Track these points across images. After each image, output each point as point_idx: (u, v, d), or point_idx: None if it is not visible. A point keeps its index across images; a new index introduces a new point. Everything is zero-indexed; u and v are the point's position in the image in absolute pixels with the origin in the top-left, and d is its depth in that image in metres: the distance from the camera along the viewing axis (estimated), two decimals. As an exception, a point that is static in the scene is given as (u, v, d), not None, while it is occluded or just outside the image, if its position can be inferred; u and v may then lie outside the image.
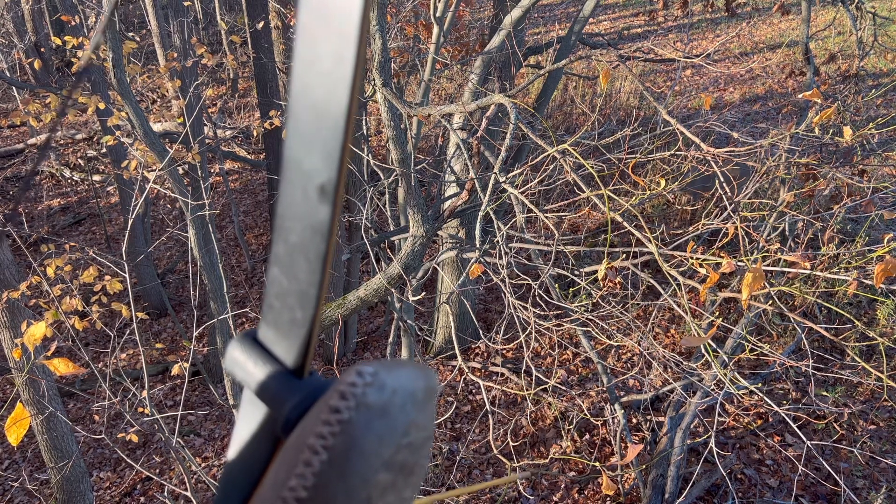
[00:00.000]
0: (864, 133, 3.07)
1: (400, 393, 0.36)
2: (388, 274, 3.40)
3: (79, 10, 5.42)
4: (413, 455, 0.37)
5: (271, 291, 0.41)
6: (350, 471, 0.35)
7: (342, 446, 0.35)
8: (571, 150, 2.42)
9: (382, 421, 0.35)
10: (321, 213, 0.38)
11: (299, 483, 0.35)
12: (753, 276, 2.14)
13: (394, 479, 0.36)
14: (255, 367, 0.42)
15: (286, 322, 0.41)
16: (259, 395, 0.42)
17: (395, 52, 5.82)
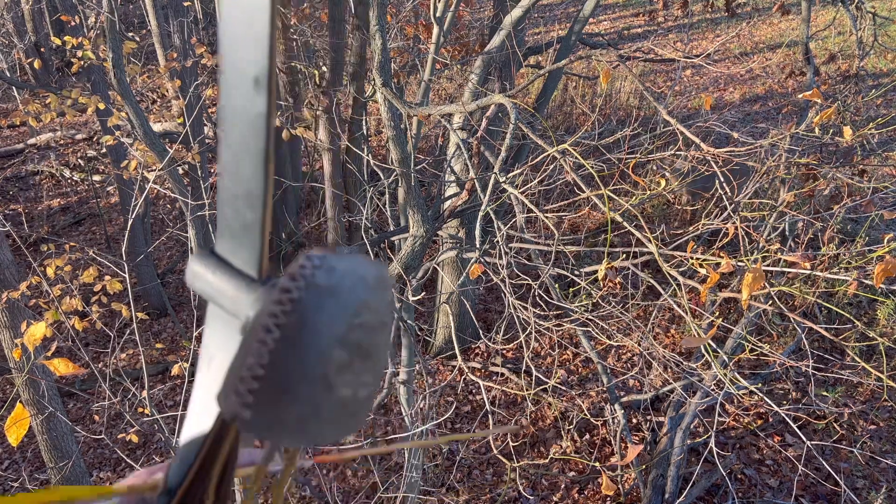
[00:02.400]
0: (864, 133, 3.07)
1: (349, 275, 0.37)
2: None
3: (79, 10, 5.42)
4: (368, 337, 0.37)
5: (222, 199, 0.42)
6: (304, 347, 0.35)
7: (294, 324, 0.35)
8: (571, 150, 2.41)
9: (332, 300, 0.36)
10: (258, 105, 0.38)
11: (256, 361, 0.35)
12: (753, 276, 2.14)
13: (350, 359, 0.37)
14: (214, 277, 0.43)
15: (239, 228, 0.42)
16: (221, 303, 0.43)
17: (394, 52, 5.83)
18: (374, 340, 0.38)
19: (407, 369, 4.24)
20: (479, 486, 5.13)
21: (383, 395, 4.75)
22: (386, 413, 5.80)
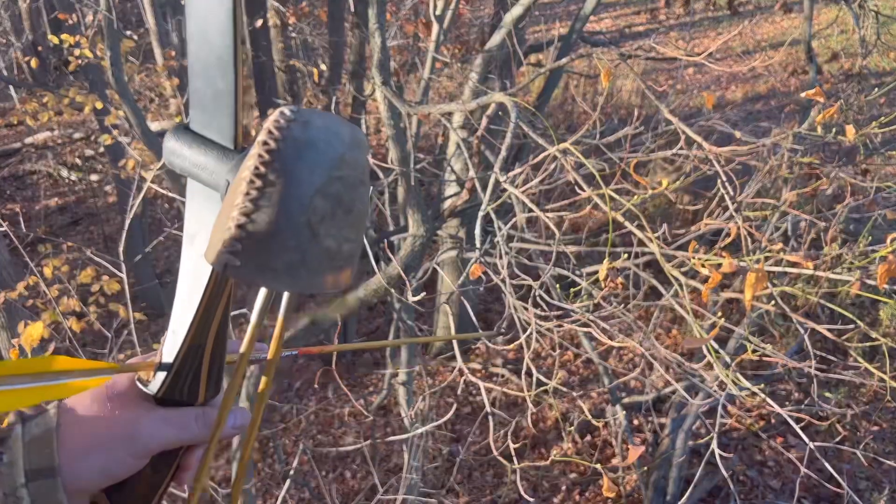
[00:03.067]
0: (867, 132, 3.04)
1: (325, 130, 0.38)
2: (387, 274, 3.37)
3: (76, 8, 5.39)
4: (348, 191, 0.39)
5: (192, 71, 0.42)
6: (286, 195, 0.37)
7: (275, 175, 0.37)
8: (573, 150, 2.38)
9: (311, 151, 0.37)
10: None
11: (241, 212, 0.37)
12: (756, 276, 2.11)
13: (332, 210, 0.38)
14: (191, 152, 0.43)
15: (211, 99, 0.42)
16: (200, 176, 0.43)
17: (394, 50, 5.79)
18: (353, 196, 0.39)
19: (406, 370, 4.21)
20: (479, 488, 5.11)
21: (383, 396, 4.73)
22: (385, 414, 5.77)
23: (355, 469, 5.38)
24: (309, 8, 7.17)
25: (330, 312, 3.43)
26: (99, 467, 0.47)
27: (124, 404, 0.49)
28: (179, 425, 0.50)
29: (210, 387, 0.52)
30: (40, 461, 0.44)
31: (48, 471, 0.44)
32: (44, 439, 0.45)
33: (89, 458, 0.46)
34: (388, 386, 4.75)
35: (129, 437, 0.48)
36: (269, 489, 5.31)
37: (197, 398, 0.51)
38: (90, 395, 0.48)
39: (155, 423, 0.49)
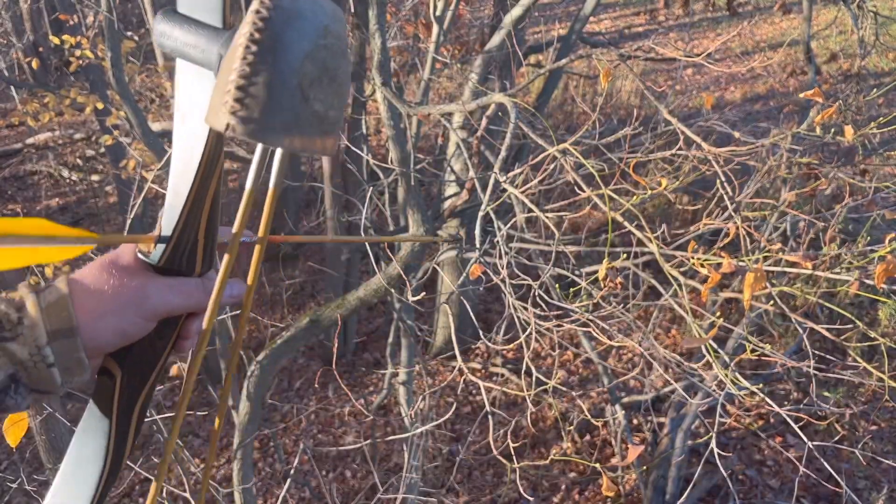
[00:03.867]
0: (866, 132, 3.05)
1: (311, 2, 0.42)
2: (387, 274, 3.38)
3: (77, 9, 5.41)
4: (332, 59, 0.42)
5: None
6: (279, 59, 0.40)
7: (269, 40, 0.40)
8: (572, 150, 2.39)
9: (299, 20, 0.41)
10: None
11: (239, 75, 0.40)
12: (755, 276, 2.12)
13: (319, 75, 0.42)
14: (181, 32, 0.45)
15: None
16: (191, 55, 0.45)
17: (394, 50, 5.80)
18: (337, 64, 0.43)
19: (407, 370, 4.22)
20: (479, 488, 5.12)
21: (383, 395, 4.74)
22: (386, 414, 5.78)
23: (355, 468, 5.39)
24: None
25: (330, 312, 3.44)
26: (113, 327, 0.50)
27: (130, 273, 0.52)
28: (183, 292, 0.54)
29: (205, 260, 0.56)
30: (60, 323, 0.47)
31: (68, 331, 0.47)
32: (59, 304, 0.48)
33: (104, 320, 0.50)
34: (389, 385, 4.76)
35: (139, 300, 0.51)
36: (269, 488, 5.32)
37: (194, 269, 0.55)
38: (97, 267, 0.52)
39: (161, 289, 0.53)
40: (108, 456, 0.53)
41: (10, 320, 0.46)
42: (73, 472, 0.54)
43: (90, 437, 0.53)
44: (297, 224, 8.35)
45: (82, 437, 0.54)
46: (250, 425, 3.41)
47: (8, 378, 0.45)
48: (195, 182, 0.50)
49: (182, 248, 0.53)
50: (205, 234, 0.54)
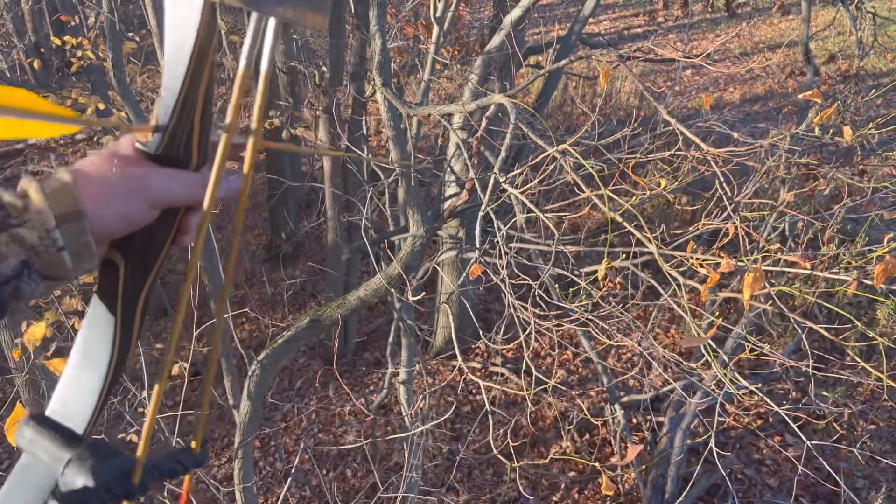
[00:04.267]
0: (864, 133, 3.07)
1: None
2: (387, 274, 3.40)
3: (79, 10, 5.42)
4: None
5: None
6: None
7: None
8: (571, 150, 2.41)
9: None
10: None
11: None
12: (754, 276, 2.14)
13: None
14: None
15: None
16: None
17: (394, 52, 5.83)
18: None
19: (407, 369, 4.24)
20: (479, 487, 5.13)
21: (383, 395, 4.76)
22: (386, 413, 5.80)
23: (356, 467, 5.41)
24: (309, 9, 7.19)
25: (331, 312, 3.46)
26: (118, 212, 0.51)
27: (132, 163, 0.53)
28: (183, 182, 0.55)
29: (201, 153, 0.56)
30: (66, 207, 0.48)
31: (76, 214, 0.48)
32: (64, 189, 0.48)
33: (109, 205, 0.50)
34: (389, 385, 4.78)
35: (142, 187, 0.52)
36: (270, 487, 5.33)
37: (191, 160, 0.56)
38: (98, 157, 0.53)
39: (163, 177, 0.54)
40: (114, 345, 0.54)
41: (16, 207, 0.47)
42: (81, 360, 0.55)
43: (97, 326, 0.55)
44: (298, 224, 8.36)
45: (89, 327, 0.55)
46: (251, 424, 3.43)
47: (21, 264, 0.46)
48: (189, 70, 0.50)
49: (179, 137, 0.54)
50: (200, 123, 0.54)
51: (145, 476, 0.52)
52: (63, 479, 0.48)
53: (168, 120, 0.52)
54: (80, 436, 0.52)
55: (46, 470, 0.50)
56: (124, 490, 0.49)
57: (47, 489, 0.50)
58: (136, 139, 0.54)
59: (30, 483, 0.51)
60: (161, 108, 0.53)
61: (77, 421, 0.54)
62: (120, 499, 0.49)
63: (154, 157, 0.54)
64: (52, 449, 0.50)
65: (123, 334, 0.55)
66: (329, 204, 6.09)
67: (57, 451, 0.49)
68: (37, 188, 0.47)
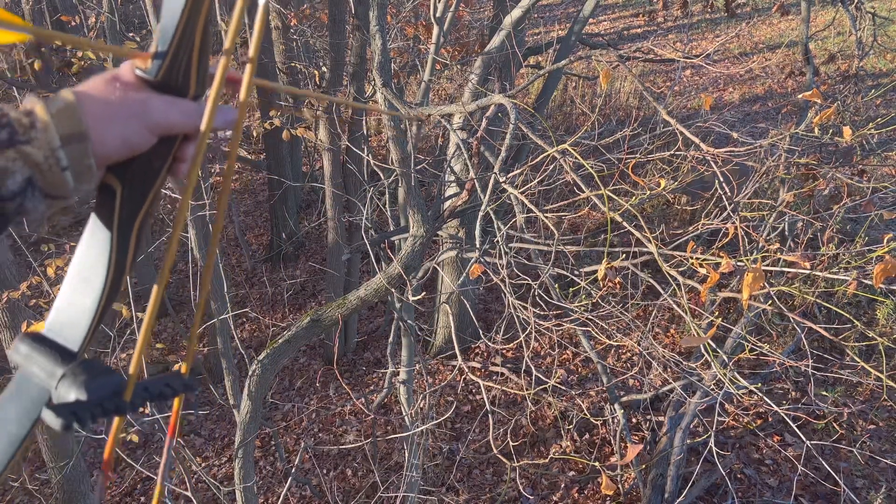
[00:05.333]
0: (864, 133, 3.07)
1: None
2: (388, 274, 3.41)
3: (79, 10, 5.43)
4: None
5: None
6: None
7: None
8: (571, 150, 2.42)
9: None
10: None
11: None
12: (753, 276, 2.15)
13: None
14: None
15: None
16: None
17: (395, 52, 5.83)
18: None
19: (407, 369, 4.24)
20: (479, 486, 5.14)
21: (384, 394, 4.76)
22: (386, 413, 5.80)
23: (356, 467, 5.41)
24: (310, 10, 7.21)
25: (331, 312, 3.46)
26: (119, 135, 0.52)
27: (133, 88, 0.55)
28: (182, 110, 0.56)
29: (199, 83, 0.58)
30: (70, 127, 0.49)
31: (79, 135, 0.49)
32: (69, 110, 0.49)
33: (111, 128, 0.51)
34: (389, 384, 4.78)
35: (143, 112, 0.53)
36: (270, 487, 5.34)
37: (189, 89, 0.57)
38: (100, 80, 0.54)
39: (163, 103, 0.55)
40: (109, 268, 0.55)
41: (23, 124, 0.48)
42: (77, 283, 0.56)
43: (92, 249, 0.56)
44: (298, 224, 8.37)
45: (85, 250, 0.56)
46: (252, 424, 3.44)
47: (25, 181, 0.47)
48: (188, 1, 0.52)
49: (177, 65, 0.55)
50: (198, 53, 0.56)
51: (136, 395, 0.53)
52: (56, 393, 0.50)
53: (167, 47, 0.53)
54: (74, 353, 0.54)
55: (40, 384, 0.52)
56: (115, 406, 0.51)
57: (40, 401, 0.51)
58: (136, 66, 0.55)
59: (24, 395, 0.52)
60: (160, 36, 0.54)
61: (71, 340, 0.55)
62: (110, 414, 0.51)
63: (153, 85, 0.55)
64: (47, 364, 0.52)
65: (118, 258, 0.56)
66: (329, 204, 6.09)
67: (51, 366, 0.51)
68: (42, 107, 0.48)
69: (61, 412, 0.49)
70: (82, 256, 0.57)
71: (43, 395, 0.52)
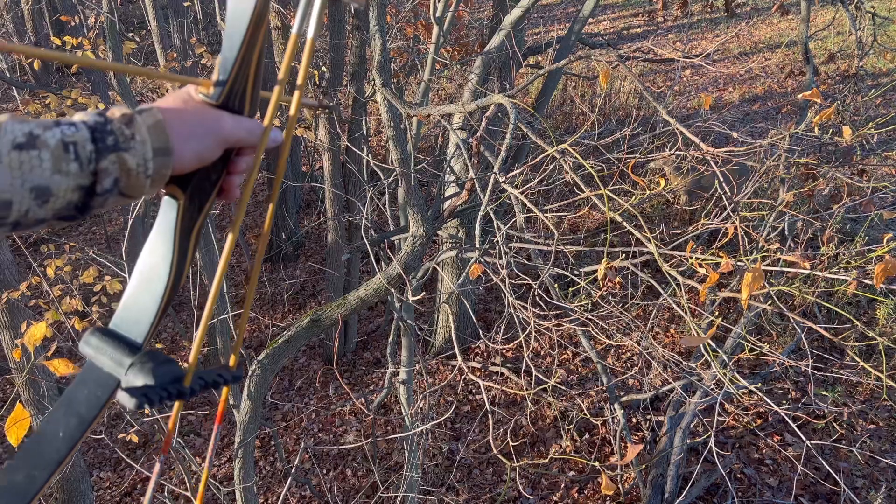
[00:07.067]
0: (864, 133, 3.08)
1: None
2: (388, 274, 3.40)
3: (78, 10, 5.43)
4: None
5: None
6: None
7: None
8: (571, 150, 2.42)
9: None
10: None
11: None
12: (753, 275, 2.14)
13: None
14: None
15: None
16: None
17: (394, 52, 5.83)
18: None
19: (407, 369, 4.24)
20: (478, 486, 5.14)
21: (384, 394, 4.76)
22: (386, 413, 5.80)
23: (356, 467, 5.41)
24: (309, 10, 7.18)
25: (331, 312, 3.46)
26: (195, 151, 0.59)
27: (206, 106, 0.61)
28: (246, 127, 0.63)
29: (253, 105, 0.65)
30: (160, 142, 0.57)
31: (166, 150, 0.57)
32: (159, 127, 0.57)
33: (189, 143, 0.59)
34: (389, 384, 4.78)
35: (217, 128, 0.61)
36: (270, 487, 5.34)
37: (244, 112, 0.64)
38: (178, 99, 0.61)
39: (233, 120, 0.62)
40: (172, 268, 0.62)
41: (125, 135, 0.55)
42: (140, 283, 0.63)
43: (156, 250, 0.63)
44: (298, 224, 8.36)
45: (149, 254, 0.63)
46: (251, 424, 3.43)
47: (114, 181, 0.55)
48: (248, 32, 0.59)
49: (236, 90, 0.62)
50: (253, 80, 0.63)
51: (194, 381, 0.61)
52: (126, 379, 0.57)
53: (227, 76, 0.61)
54: (139, 345, 0.61)
55: (109, 371, 0.59)
56: (177, 391, 0.59)
57: (107, 387, 0.59)
58: (199, 91, 0.62)
59: (93, 381, 0.59)
60: (221, 66, 0.61)
61: (136, 334, 0.62)
62: (173, 398, 0.59)
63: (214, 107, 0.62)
64: (116, 354, 0.59)
65: (178, 262, 0.62)
66: (329, 204, 6.09)
67: (120, 356, 0.59)
68: (140, 122, 0.56)
69: (134, 394, 0.56)
70: (147, 258, 0.64)
71: (110, 381, 0.59)
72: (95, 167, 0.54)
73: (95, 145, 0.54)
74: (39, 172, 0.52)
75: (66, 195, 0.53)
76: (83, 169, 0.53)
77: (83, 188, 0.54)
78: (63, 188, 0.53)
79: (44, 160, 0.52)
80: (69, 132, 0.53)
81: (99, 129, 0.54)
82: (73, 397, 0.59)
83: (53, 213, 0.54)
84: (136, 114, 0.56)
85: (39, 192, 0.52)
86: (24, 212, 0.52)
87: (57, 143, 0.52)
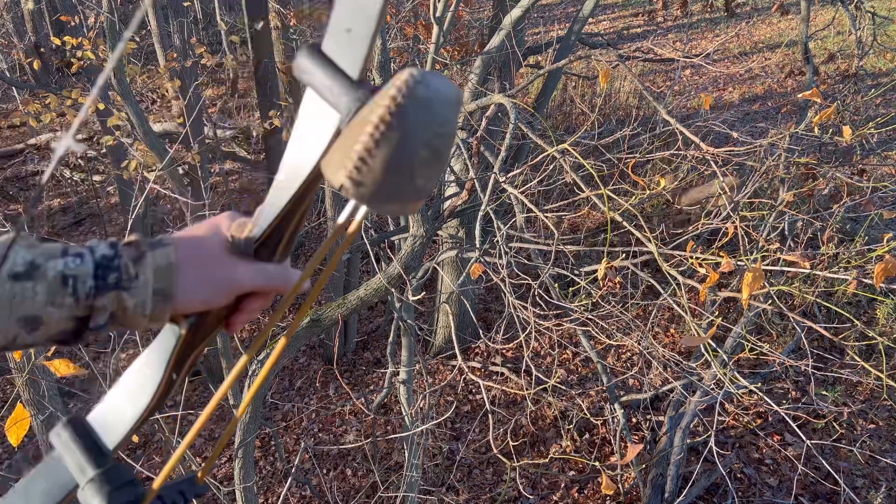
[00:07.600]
0: (864, 132, 3.08)
1: (440, 93, 0.47)
2: (388, 274, 3.40)
3: (78, 10, 5.42)
4: (443, 144, 0.48)
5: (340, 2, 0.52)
6: (401, 144, 0.46)
7: (396, 125, 0.45)
8: (571, 150, 2.42)
9: (427, 112, 0.46)
10: None
11: (363, 147, 0.46)
12: (753, 275, 2.15)
13: (430, 159, 0.48)
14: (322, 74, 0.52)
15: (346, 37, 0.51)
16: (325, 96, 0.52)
17: (394, 52, 5.83)
18: (446, 147, 0.49)
19: (407, 369, 4.24)
20: (479, 486, 5.14)
21: (384, 394, 4.77)
22: (386, 412, 5.80)
23: (356, 467, 5.41)
24: (310, 10, 7.20)
25: (331, 311, 3.46)
26: (202, 299, 0.58)
27: (227, 252, 0.60)
28: (267, 276, 0.61)
29: (284, 254, 0.64)
30: (164, 286, 0.55)
31: (168, 296, 0.56)
32: (167, 270, 0.56)
33: (196, 291, 0.58)
34: (389, 384, 4.78)
35: (230, 279, 0.59)
36: (270, 487, 5.34)
37: (274, 259, 0.63)
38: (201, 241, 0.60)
39: (250, 271, 0.60)
40: (159, 388, 0.61)
41: (129, 273, 0.54)
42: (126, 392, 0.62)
43: (148, 366, 0.61)
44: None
45: (143, 362, 0.62)
46: (251, 424, 3.43)
47: (110, 315, 0.54)
48: (296, 194, 0.56)
49: (269, 244, 0.61)
50: (292, 233, 0.61)
51: None
52: (82, 493, 0.56)
53: (263, 231, 0.59)
54: (107, 454, 0.59)
55: (70, 473, 0.57)
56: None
57: (65, 488, 0.57)
58: (232, 233, 0.60)
59: (53, 479, 0.58)
60: (261, 218, 0.59)
61: (109, 440, 0.60)
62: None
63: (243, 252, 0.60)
64: (81, 460, 0.57)
65: (167, 383, 0.61)
66: (329, 204, 6.09)
67: (84, 463, 0.57)
68: (149, 263, 0.55)
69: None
70: (138, 368, 0.62)
71: (69, 485, 0.58)
72: (92, 303, 0.53)
73: (96, 282, 0.53)
74: (31, 304, 0.51)
75: (58, 325, 0.53)
76: (79, 304, 0.52)
77: (77, 318, 0.53)
78: (55, 319, 0.52)
79: (38, 293, 0.51)
80: (72, 265, 0.52)
81: (104, 266, 0.53)
82: (31, 488, 0.58)
83: (46, 339, 0.53)
84: (149, 250, 0.55)
85: (29, 321, 0.51)
86: (12, 338, 0.52)
87: (55, 276, 0.51)
